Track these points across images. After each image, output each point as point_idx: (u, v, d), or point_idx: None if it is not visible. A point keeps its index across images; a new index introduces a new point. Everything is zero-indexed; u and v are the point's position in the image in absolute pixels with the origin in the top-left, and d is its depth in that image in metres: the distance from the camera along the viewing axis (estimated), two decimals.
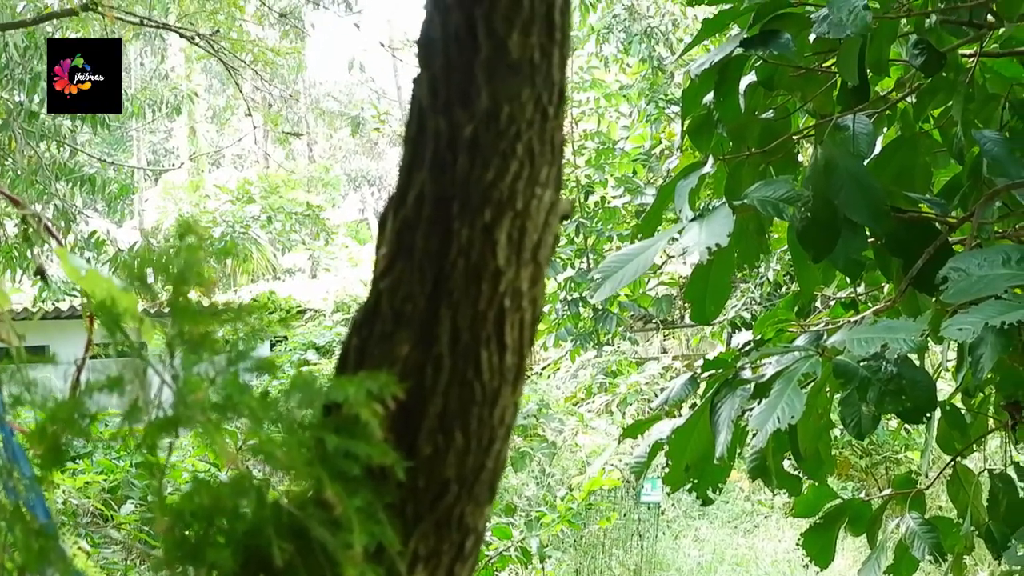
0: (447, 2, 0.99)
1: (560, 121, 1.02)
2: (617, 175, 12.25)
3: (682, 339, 16.39)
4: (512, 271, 1.01)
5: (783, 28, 2.90)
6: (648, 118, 12.36)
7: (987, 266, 2.42)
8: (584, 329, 12.07)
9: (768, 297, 10.74)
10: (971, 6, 2.92)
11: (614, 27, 12.78)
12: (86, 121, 10.93)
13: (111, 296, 1.02)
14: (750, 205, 2.83)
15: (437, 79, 1.00)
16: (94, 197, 11.90)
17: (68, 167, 11.06)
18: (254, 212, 19.25)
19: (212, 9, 9.84)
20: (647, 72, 12.80)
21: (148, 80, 21.36)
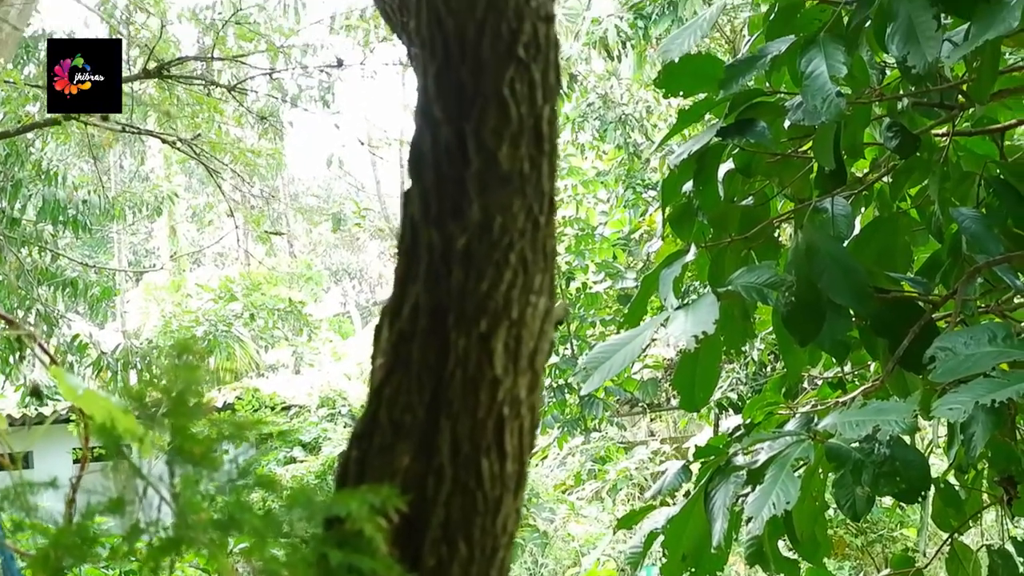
0: (436, 117, 1.01)
1: (551, 229, 1.04)
2: (597, 260, 12.33)
3: (669, 421, 16.33)
4: (510, 380, 1.02)
5: (758, 116, 2.95)
6: (626, 203, 12.49)
7: (973, 344, 2.44)
8: (571, 415, 12.05)
9: (754, 377, 10.75)
10: (941, 89, 2.97)
11: (589, 115, 12.95)
12: (67, 225, 10.97)
13: (110, 417, 1.02)
14: (734, 291, 2.86)
15: (428, 192, 1.02)
16: (76, 300, 11.89)
17: (50, 271, 11.07)
18: (236, 310, 19.22)
19: (192, 112, 9.94)
20: (623, 158, 12.96)
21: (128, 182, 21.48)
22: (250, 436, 1.07)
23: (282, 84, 10.82)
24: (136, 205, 12.61)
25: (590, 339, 12.17)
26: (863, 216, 3.63)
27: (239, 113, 10.67)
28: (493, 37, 0.98)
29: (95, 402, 1.15)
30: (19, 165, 10.14)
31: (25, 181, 10.28)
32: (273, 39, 10.61)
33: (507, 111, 0.99)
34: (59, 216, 10.67)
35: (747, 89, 2.92)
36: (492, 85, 0.99)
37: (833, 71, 2.57)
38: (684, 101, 3.30)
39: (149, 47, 9.00)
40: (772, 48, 2.82)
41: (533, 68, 1.00)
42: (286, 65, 10.50)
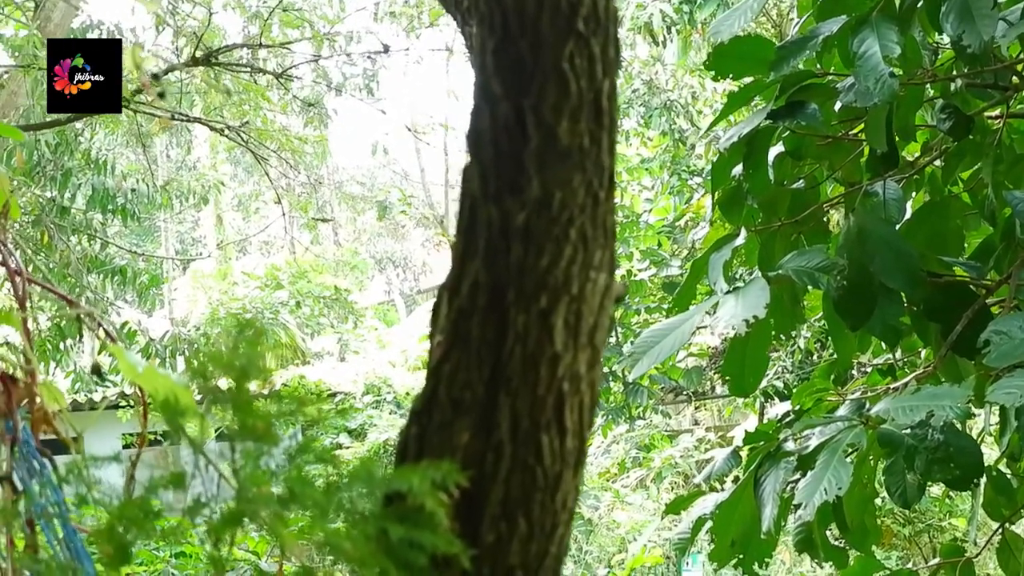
0: (495, 93, 1.01)
1: (611, 205, 1.04)
2: (642, 248, 12.27)
3: (714, 410, 16.26)
4: (570, 355, 1.01)
5: (809, 98, 2.93)
6: (671, 190, 12.42)
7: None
8: (615, 403, 12.02)
9: (800, 365, 10.67)
10: (995, 69, 2.93)
11: (634, 102, 12.89)
12: (116, 214, 11.09)
13: (172, 393, 1.03)
14: (785, 276, 2.83)
15: (487, 169, 1.02)
16: (125, 288, 12.02)
17: (99, 260, 11.20)
18: (282, 297, 19.35)
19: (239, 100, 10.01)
20: (668, 144, 12.88)
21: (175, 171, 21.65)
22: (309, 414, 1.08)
23: (327, 72, 10.87)
24: (183, 194, 12.72)
25: (635, 327, 12.14)
26: (914, 200, 3.59)
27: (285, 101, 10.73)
28: (552, 11, 0.98)
29: (156, 379, 1.16)
30: (68, 154, 10.25)
31: (75, 170, 10.39)
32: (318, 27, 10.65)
33: (567, 86, 0.99)
34: (108, 205, 10.79)
35: (797, 71, 2.90)
36: (551, 60, 0.98)
37: (886, 51, 2.55)
38: (731, 85, 3.27)
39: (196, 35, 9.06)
40: (823, 29, 2.79)
41: (593, 42, 0.99)
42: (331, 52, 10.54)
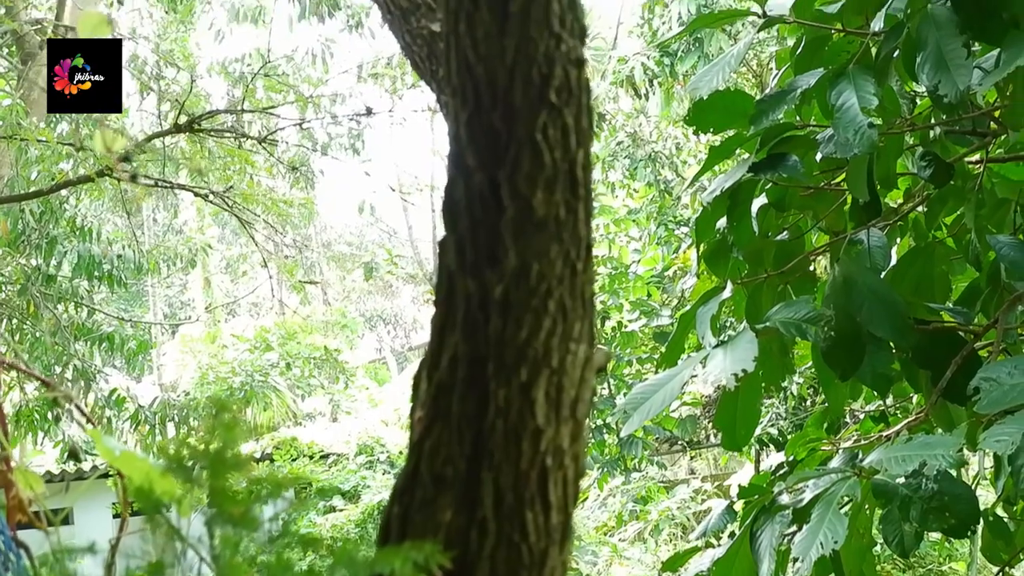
0: (469, 164, 1.00)
1: (590, 275, 1.02)
2: (632, 299, 12.29)
3: (709, 459, 16.21)
4: (552, 429, 1.00)
5: (790, 150, 2.94)
6: (659, 240, 12.46)
7: (1018, 374, 2.40)
8: (610, 456, 11.97)
9: (794, 411, 10.64)
10: (973, 116, 2.95)
11: (619, 154, 12.98)
12: (103, 281, 11.06)
13: (148, 478, 1.01)
14: (773, 328, 2.82)
15: (464, 240, 1.01)
16: (113, 355, 11.97)
17: (86, 327, 11.17)
18: (272, 359, 19.28)
19: (223, 164, 10.03)
20: (654, 195, 12.95)
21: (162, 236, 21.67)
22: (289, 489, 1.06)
23: (312, 133, 10.91)
24: (170, 258, 12.71)
25: (627, 378, 12.13)
26: (899, 246, 3.60)
27: (270, 164, 10.77)
28: (524, 83, 0.97)
29: (133, 463, 1.14)
30: (54, 222, 10.25)
31: (60, 238, 10.38)
32: (302, 89, 10.71)
33: (541, 157, 0.98)
34: (94, 272, 10.76)
35: (778, 124, 2.91)
36: (525, 131, 0.98)
37: (864, 103, 2.56)
38: (715, 137, 3.28)
39: (179, 101, 9.10)
40: (801, 82, 2.80)
41: (566, 113, 0.99)
42: (316, 114, 10.59)
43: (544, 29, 0.97)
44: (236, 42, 28.60)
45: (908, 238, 3.58)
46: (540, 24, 0.97)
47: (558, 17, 0.98)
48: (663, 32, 12.22)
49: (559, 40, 0.98)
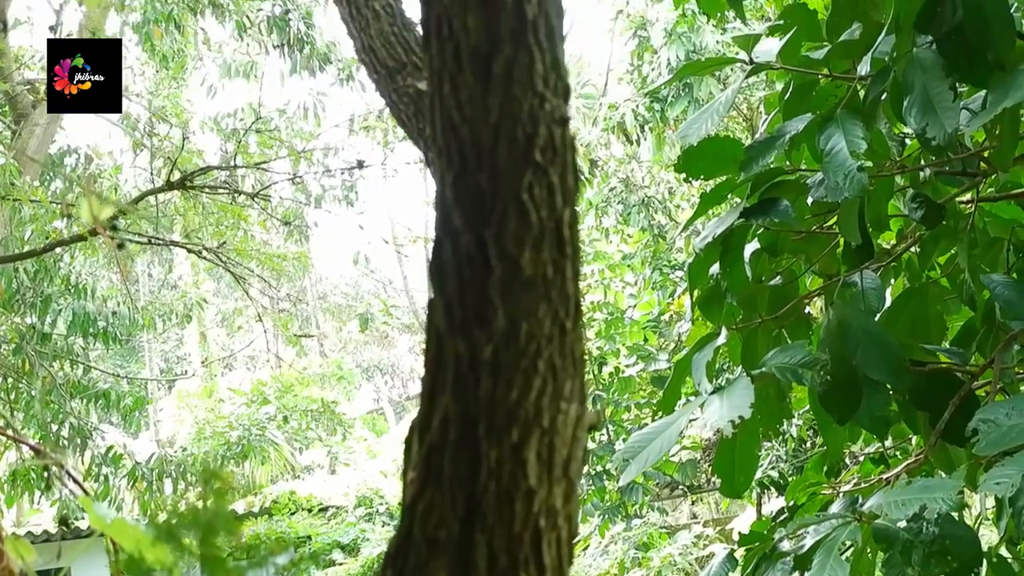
0: (456, 224, 1.00)
1: (579, 333, 1.02)
2: (628, 344, 12.29)
3: (711, 503, 16.12)
4: (545, 490, 0.99)
5: (781, 195, 2.95)
6: (654, 285, 12.48)
7: (1016, 414, 2.40)
8: (610, 502, 11.91)
9: (794, 453, 10.60)
10: (963, 158, 2.96)
11: (612, 200, 13.03)
12: (98, 338, 11.04)
13: (139, 548, 1.00)
14: (769, 373, 2.82)
15: (452, 301, 1.00)
16: (109, 411, 11.93)
17: (82, 384, 11.14)
18: (270, 412, 19.22)
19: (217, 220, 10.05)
20: (648, 240, 12.99)
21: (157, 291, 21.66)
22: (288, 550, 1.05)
23: (305, 186, 10.95)
24: (165, 314, 12.71)
25: (625, 423, 12.10)
26: (893, 287, 3.60)
27: (264, 218, 10.80)
28: (509, 143, 0.97)
29: (125, 532, 1.12)
30: (48, 280, 10.26)
31: (54, 296, 10.38)
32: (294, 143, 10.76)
33: (527, 216, 0.98)
34: (89, 329, 10.75)
35: (768, 169, 2.92)
36: (510, 191, 0.98)
37: (853, 147, 2.57)
38: (706, 183, 3.30)
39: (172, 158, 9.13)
40: (790, 127, 2.82)
41: (551, 172, 0.99)
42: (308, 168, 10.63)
43: (528, 89, 0.98)
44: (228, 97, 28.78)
45: (902, 278, 3.58)
46: (524, 84, 0.97)
47: (541, 77, 0.98)
48: (652, 78, 12.31)
49: (543, 100, 0.98)
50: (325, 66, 11.98)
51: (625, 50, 13.60)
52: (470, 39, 0.97)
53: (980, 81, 2.49)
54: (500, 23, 0.97)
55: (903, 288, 3.46)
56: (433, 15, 0.99)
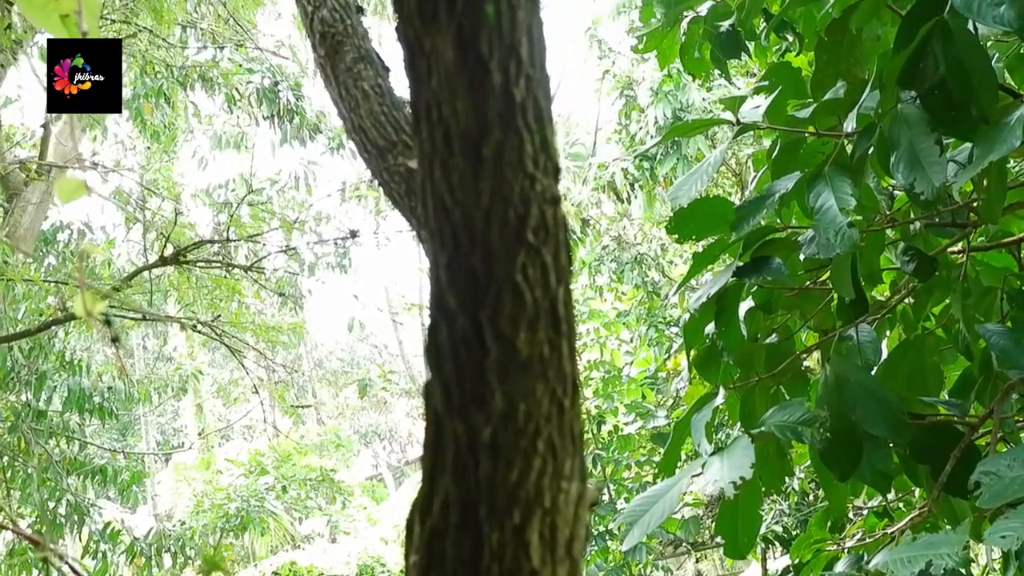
0: (451, 306, 1.00)
1: (577, 411, 1.02)
2: (626, 402, 12.25)
3: (715, 559, 15.98)
4: (548, 570, 0.98)
5: (772, 253, 2.96)
6: (650, 342, 12.47)
7: (1017, 466, 2.39)
8: (614, 563, 11.80)
9: (797, 507, 10.54)
10: (952, 210, 2.98)
11: (604, 258, 13.07)
12: (94, 413, 11.00)
13: None
14: (768, 432, 2.81)
15: (449, 383, 1.00)
16: (106, 487, 11.85)
17: (78, 461, 11.07)
18: (268, 483, 19.07)
19: (211, 293, 10.06)
20: (642, 297, 13.00)
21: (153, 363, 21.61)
22: None
23: (299, 255, 10.97)
24: (161, 387, 12.67)
25: (626, 481, 12.03)
26: (889, 339, 3.61)
27: (258, 289, 10.81)
28: (501, 225, 0.98)
29: None
30: (43, 357, 10.24)
31: (49, 373, 10.36)
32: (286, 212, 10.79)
33: (522, 297, 0.98)
34: (85, 405, 10.72)
35: (759, 228, 2.93)
36: (504, 272, 0.98)
37: (842, 204, 2.58)
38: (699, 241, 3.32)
39: (164, 233, 9.16)
40: (779, 186, 2.83)
41: (544, 252, 0.99)
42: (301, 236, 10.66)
43: (518, 171, 0.98)
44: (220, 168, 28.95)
45: (897, 330, 3.59)
46: (514, 166, 0.98)
47: (531, 158, 0.99)
48: (641, 136, 12.40)
49: (533, 180, 0.99)
50: (315, 135, 12.07)
51: (612, 109, 13.73)
52: (460, 123, 0.98)
53: (965, 135, 2.51)
54: (489, 107, 0.98)
55: (899, 339, 3.46)
56: (422, 100, 1.00)
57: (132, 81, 11.52)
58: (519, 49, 0.99)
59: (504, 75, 0.98)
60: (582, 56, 14.31)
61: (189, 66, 11.47)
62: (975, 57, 2.38)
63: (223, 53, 11.81)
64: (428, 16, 1.00)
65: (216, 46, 11.74)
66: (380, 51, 2.25)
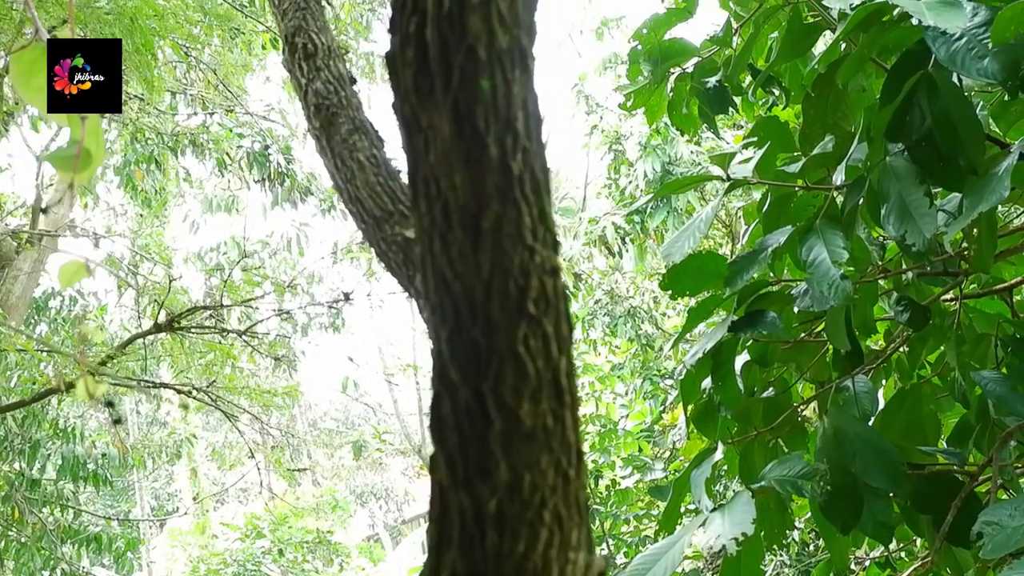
0: (453, 380, 1.00)
1: (582, 482, 1.02)
2: (623, 455, 12.20)
3: None
4: None
5: (766, 306, 2.97)
6: (645, 395, 12.45)
7: (1019, 515, 2.38)
8: None
9: (798, 557, 10.46)
10: (944, 259, 2.99)
11: (598, 312, 13.07)
12: (88, 480, 10.93)
13: None
14: (769, 487, 2.81)
15: (454, 456, 1.00)
16: (101, 555, 11.76)
17: (73, 529, 11.00)
18: (265, 546, 18.93)
19: (203, 356, 10.04)
20: (636, 350, 12.99)
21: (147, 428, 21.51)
22: None
23: (292, 317, 10.97)
24: (155, 452, 12.61)
25: (625, 536, 11.94)
26: (885, 387, 3.61)
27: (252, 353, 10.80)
28: (502, 297, 0.99)
29: None
30: (36, 426, 10.21)
31: (43, 441, 10.32)
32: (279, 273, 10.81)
33: (524, 368, 0.98)
34: (79, 472, 10.67)
35: (753, 282, 2.95)
36: (506, 344, 0.98)
37: (835, 257, 2.59)
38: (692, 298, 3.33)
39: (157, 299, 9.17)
40: (771, 240, 2.85)
41: (545, 322, 1.00)
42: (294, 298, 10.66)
43: (517, 243, 0.99)
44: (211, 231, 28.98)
45: (893, 379, 3.59)
46: (513, 239, 0.99)
47: (530, 230, 1.00)
48: (630, 190, 12.46)
49: (533, 252, 1.00)
50: (306, 197, 12.12)
51: (601, 164, 13.81)
52: (458, 197, 0.99)
53: (954, 185, 2.53)
54: (486, 181, 0.99)
55: (895, 388, 3.47)
56: (420, 175, 1.01)
57: (123, 148, 11.59)
58: (515, 123, 1.00)
59: (501, 149, 0.99)
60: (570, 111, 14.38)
61: (179, 132, 11.54)
62: (961, 109, 2.41)
63: (213, 118, 11.88)
64: (424, 92, 1.01)
65: (206, 111, 11.81)
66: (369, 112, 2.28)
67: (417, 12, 1.02)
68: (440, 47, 1.01)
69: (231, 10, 9.88)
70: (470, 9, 1.00)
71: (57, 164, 1.22)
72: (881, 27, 2.60)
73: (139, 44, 6.65)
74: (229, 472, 27.06)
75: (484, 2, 1.00)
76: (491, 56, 1.00)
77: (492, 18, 1.00)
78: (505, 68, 1.01)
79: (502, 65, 1.00)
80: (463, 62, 1.00)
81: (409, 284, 1.21)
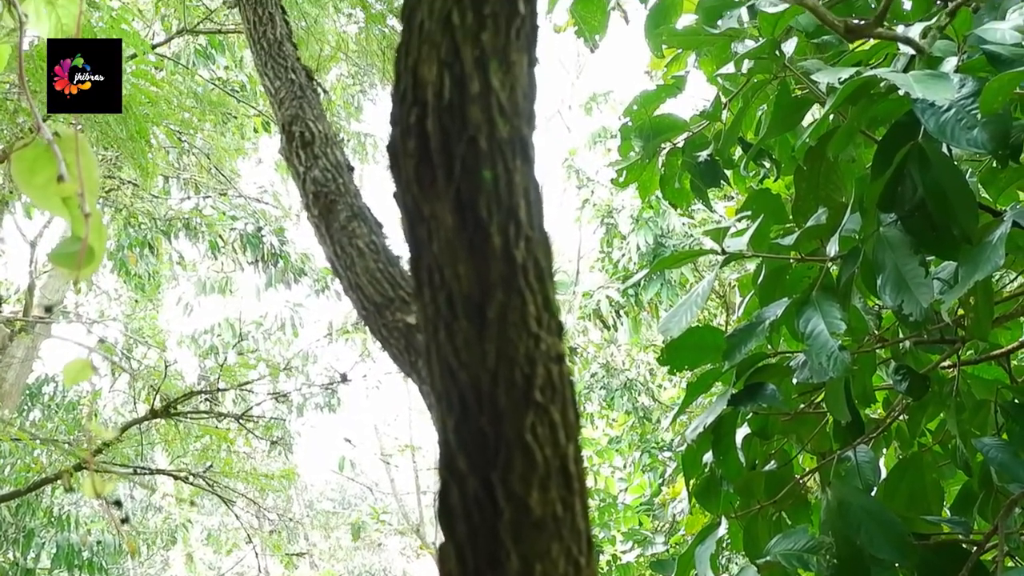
0: (461, 470, 1.00)
1: (592, 569, 1.01)
2: (623, 529, 12.10)
3: None
4: None
5: (765, 379, 2.97)
6: (643, 468, 12.38)
7: None
8: None
9: None
10: (941, 328, 3.00)
11: (594, 385, 13.05)
12: (83, 569, 10.81)
13: None
14: (774, 561, 2.79)
15: (463, 546, 1.00)
16: None
17: None
18: None
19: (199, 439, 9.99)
20: (633, 422, 12.95)
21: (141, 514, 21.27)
22: None
23: (288, 399, 10.93)
24: (150, 538, 12.49)
25: None
26: (886, 456, 3.60)
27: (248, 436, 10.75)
28: (508, 385, 0.99)
29: None
30: (30, 514, 10.12)
31: (37, 529, 10.22)
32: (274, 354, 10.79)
33: (532, 456, 0.98)
34: (74, 561, 10.55)
35: (751, 355, 2.95)
36: (513, 432, 0.98)
37: (832, 328, 2.60)
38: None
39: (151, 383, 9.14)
40: (768, 313, 2.86)
41: (552, 410, 1.00)
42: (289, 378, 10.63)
43: (523, 331, 0.99)
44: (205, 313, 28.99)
45: (894, 447, 3.58)
46: (518, 327, 0.99)
47: (535, 318, 1.00)
48: (623, 263, 12.51)
49: (538, 340, 1.00)
50: (300, 278, 12.14)
51: (594, 237, 13.88)
52: (462, 286, 0.99)
53: (948, 255, 2.54)
54: (491, 269, 0.99)
55: (896, 457, 3.45)
56: (424, 265, 1.02)
57: (116, 233, 11.62)
58: (518, 212, 1.01)
59: (504, 238, 1.00)
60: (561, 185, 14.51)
61: (173, 215, 11.59)
62: (952, 179, 2.43)
63: (206, 201, 11.95)
64: (426, 183, 1.02)
65: (199, 195, 11.88)
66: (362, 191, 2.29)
67: (417, 103, 1.03)
68: (441, 138, 1.02)
69: (223, 95, 9.99)
70: (470, 100, 1.01)
71: (61, 262, 1.22)
72: (870, 99, 2.63)
73: (133, 131, 6.70)
74: (226, 557, 26.76)
75: (484, 93, 1.02)
76: (492, 146, 1.01)
77: (492, 108, 1.02)
78: (506, 158, 1.02)
79: (503, 155, 1.01)
80: (464, 153, 1.01)
81: (412, 370, 1.21)
